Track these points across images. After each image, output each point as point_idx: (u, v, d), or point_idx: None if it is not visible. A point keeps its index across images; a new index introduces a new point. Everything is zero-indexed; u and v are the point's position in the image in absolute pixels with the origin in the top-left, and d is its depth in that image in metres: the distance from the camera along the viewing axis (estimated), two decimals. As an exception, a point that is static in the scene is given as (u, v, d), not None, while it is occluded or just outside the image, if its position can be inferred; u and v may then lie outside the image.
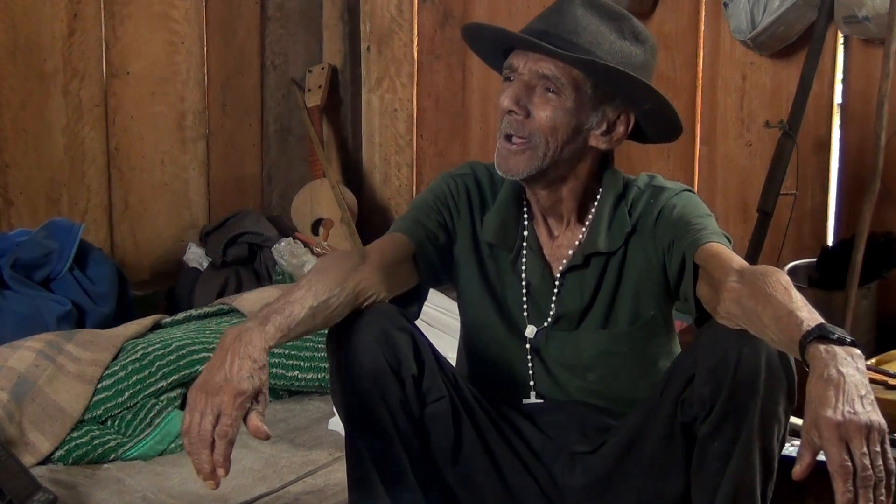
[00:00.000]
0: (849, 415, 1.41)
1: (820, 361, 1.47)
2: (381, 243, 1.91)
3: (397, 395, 1.80)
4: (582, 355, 1.94)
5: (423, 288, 1.97)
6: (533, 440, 1.96)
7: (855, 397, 1.43)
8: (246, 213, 3.92)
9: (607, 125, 1.86)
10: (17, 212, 3.44)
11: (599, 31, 1.82)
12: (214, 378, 1.59)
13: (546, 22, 1.85)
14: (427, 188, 2.02)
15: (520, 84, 1.83)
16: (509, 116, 1.83)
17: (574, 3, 1.84)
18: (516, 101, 1.82)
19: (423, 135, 4.18)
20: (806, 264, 3.06)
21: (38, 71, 3.44)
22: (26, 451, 2.46)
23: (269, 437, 1.62)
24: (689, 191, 1.95)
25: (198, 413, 1.58)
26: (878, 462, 1.41)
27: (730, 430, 1.69)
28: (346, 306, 1.77)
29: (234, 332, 1.64)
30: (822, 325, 1.52)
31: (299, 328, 1.70)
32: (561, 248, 1.94)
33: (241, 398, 1.58)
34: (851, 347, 1.50)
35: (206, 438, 1.57)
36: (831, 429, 1.41)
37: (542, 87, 1.82)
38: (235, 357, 1.61)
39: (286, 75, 4.21)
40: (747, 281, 1.65)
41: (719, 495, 1.71)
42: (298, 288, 1.73)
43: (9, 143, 3.40)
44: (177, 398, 2.69)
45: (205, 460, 1.57)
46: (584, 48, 1.80)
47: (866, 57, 3.05)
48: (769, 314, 1.59)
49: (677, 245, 1.84)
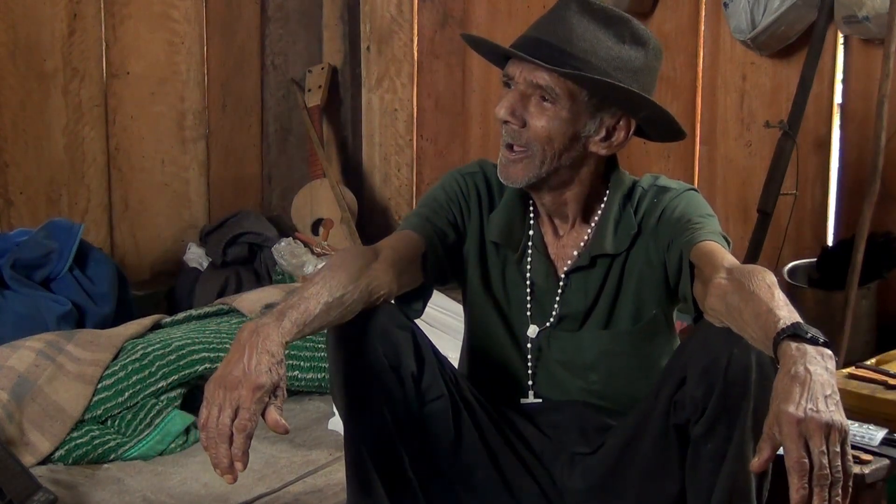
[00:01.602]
0: (811, 412, 1.41)
1: (789, 358, 1.47)
2: (393, 240, 1.91)
3: (397, 394, 1.80)
4: (584, 355, 1.94)
5: (429, 286, 1.98)
6: (533, 441, 1.96)
7: (819, 396, 1.42)
8: (246, 213, 3.92)
9: (606, 131, 1.86)
10: (17, 212, 3.45)
11: (596, 38, 1.80)
12: (233, 372, 1.59)
13: (541, 29, 1.84)
14: (437, 186, 2.01)
15: (515, 94, 1.83)
16: (506, 126, 1.84)
17: (570, 9, 1.83)
18: (511, 111, 1.82)
19: (423, 135, 4.18)
20: (806, 264, 3.06)
21: (38, 71, 3.44)
22: (26, 451, 2.46)
23: (288, 431, 1.61)
24: (694, 190, 1.95)
25: (216, 407, 1.58)
26: (837, 462, 1.40)
27: (723, 430, 1.69)
28: (360, 303, 1.77)
29: (251, 328, 1.64)
30: (798, 323, 1.52)
31: (314, 323, 1.70)
32: (566, 249, 1.95)
33: (259, 392, 1.58)
34: (823, 348, 1.50)
35: (225, 433, 1.56)
36: (791, 424, 1.40)
37: (538, 96, 1.82)
38: (253, 351, 1.60)
39: (286, 75, 4.21)
40: (734, 278, 1.65)
41: (714, 496, 1.71)
42: (313, 284, 1.73)
43: (9, 143, 3.40)
44: (177, 398, 2.69)
45: (223, 455, 1.57)
46: (579, 57, 1.79)
47: (866, 57, 3.04)
48: (750, 311, 1.59)
49: (675, 244, 1.85)
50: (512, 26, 3.72)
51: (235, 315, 3.06)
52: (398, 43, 4.18)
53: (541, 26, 1.85)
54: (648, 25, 3.45)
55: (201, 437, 1.60)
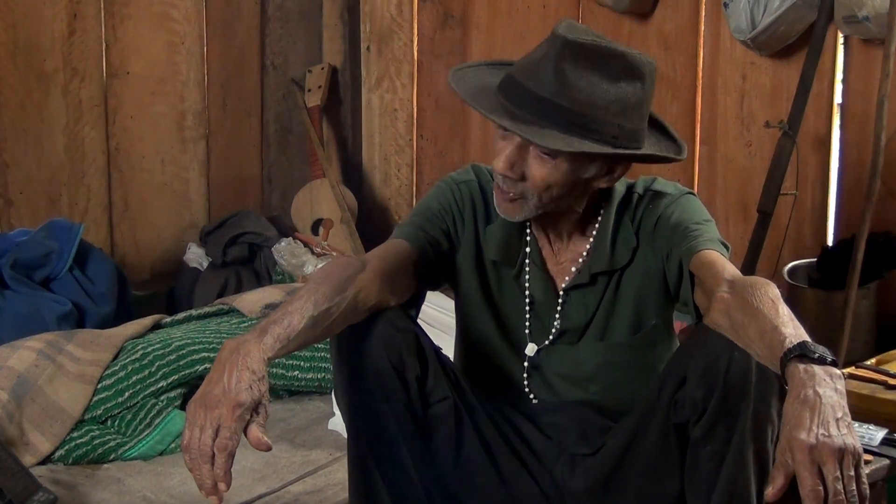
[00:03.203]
0: (822, 437, 1.40)
1: (798, 381, 1.46)
2: (382, 250, 1.89)
3: (401, 396, 1.79)
4: (583, 368, 1.94)
5: (422, 293, 1.97)
6: (534, 441, 1.95)
7: (830, 419, 1.42)
8: (246, 213, 3.92)
9: (607, 168, 1.82)
10: (17, 212, 3.45)
11: (591, 84, 1.72)
12: (213, 391, 1.58)
13: (534, 78, 1.75)
14: (430, 194, 1.99)
15: (514, 147, 1.78)
16: (501, 176, 1.80)
17: (564, 59, 1.73)
18: (510, 165, 1.78)
19: (423, 135, 4.18)
20: (806, 264, 3.06)
21: (38, 71, 3.44)
22: (26, 451, 2.46)
23: (271, 449, 1.61)
24: (690, 193, 1.93)
25: (197, 428, 1.57)
26: (852, 486, 1.40)
27: (722, 432, 1.69)
28: (348, 315, 1.75)
29: (232, 345, 1.63)
30: (804, 343, 1.51)
31: (299, 339, 1.68)
32: (565, 264, 1.93)
33: (239, 410, 1.57)
34: (831, 367, 1.49)
35: (207, 453, 1.56)
36: (804, 452, 1.40)
37: (537, 149, 1.77)
38: (234, 369, 1.59)
39: (286, 75, 4.21)
40: (737, 292, 1.64)
41: (714, 498, 1.71)
42: (298, 298, 1.71)
43: (9, 143, 3.40)
44: (177, 398, 2.69)
45: (206, 475, 1.57)
46: (578, 112, 1.72)
47: (866, 57, 3.04)
48: (755, 328, 1.58)
49: (674, 253, 1.83)
50: (512, 26, 3.72)
51: (235, 315, 3.05)
52: (398, 43, 4.18)
53: (534, 74, 1.76)
54: (648, 25, 3.46)
55: (185, 459, 1.59)
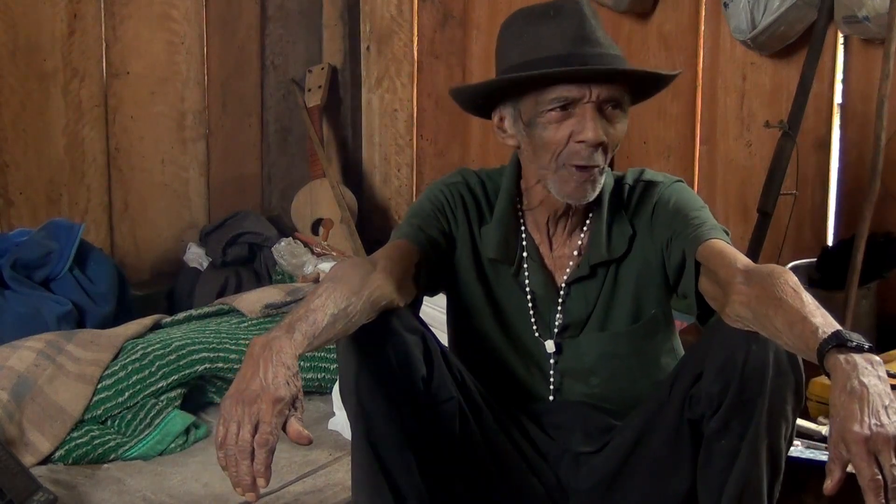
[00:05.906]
0: (876, 427, 1.41)
1: (842, 373, 1.47)
2: (388, 250, 1.89)
3: (407, 397, 1.79)
4: (584, 360, 1.94)
5: (422, 294, 1.97)
6: (538, 441, 1.95)
7: (880, 408, 1.43)
8: (246, 213, 3.92)
9: None
10: (17, 212, 3.45)
11: (606, 34, 1.84)
12: (250, 387, 1.56)
13: (580, 44, 1.80)
14: (422, 197, 2.00)
15: (594, 113, 1.79)
16: (594, 148, 1.80)
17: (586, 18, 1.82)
18: (606, 132, 1.80)
19: (423, 135, 4.18)
20: (806, 264, 3.06)
21: (38, 71, 3.44)
22: (26, 451, 2.46)
23: (311, 442, 1.59)
24: (680, 181, 1.95)
25: (234, 423, 1.55)
26: None
27: (737, 427, 1.69)
28: (364, 314, 1.75)
29: (262, 342, 1.62)
30: (839, 332, 1.52)
31: (323, 336, 1.68)
32: (561, 259, 1.94)
33: (279, 405, 1.56)
34: (870, 354, 1.50)
35: (246, 448, 1.54)
36: (860, 443, 1.41)
37: (610, 107, 1.81)
38: (269, 365, 1.58)
39: (286, 75, 4.21)
40: (755, 283, 1.65)
41: (726, 493, 1.72)
42: (318, 296, 1.71)
43: (9, 143, 3.40)
44: (177, 398, 2.69)
45: (244, 472, 1.54)
46: (621, 56, 1.82)
47: (866, 57, 3.04)
48: (781, 319, 1.59)
49: (676, 242, 1.84)
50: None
51: (235, 315, 3.05)
52: (398, 43, 4.18)
53: (576, 41, 1.80)
54: (648, 25, 3.47)
55: (219, 456, 1.56)
